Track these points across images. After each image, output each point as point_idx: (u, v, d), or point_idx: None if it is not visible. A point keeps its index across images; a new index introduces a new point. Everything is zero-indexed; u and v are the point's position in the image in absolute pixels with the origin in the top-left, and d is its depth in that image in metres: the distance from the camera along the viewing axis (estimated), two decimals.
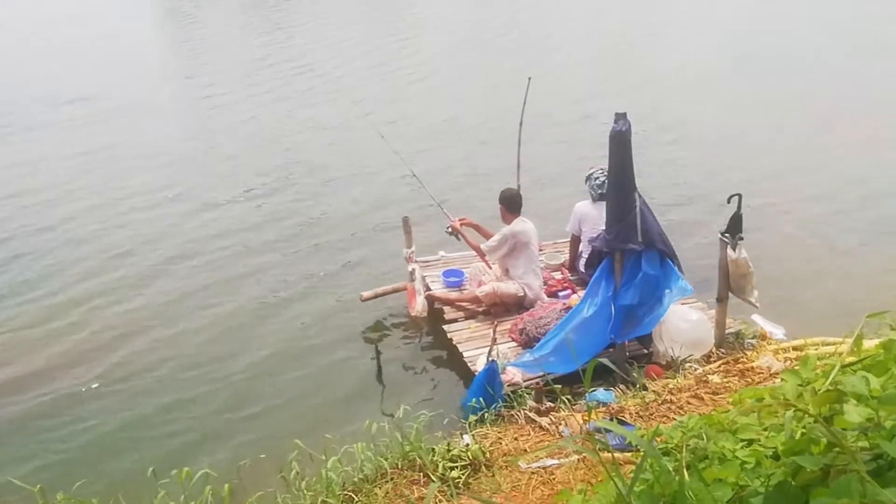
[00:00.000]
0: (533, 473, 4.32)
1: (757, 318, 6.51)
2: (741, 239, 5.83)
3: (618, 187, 5.71)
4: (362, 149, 11.88)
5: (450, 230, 7.39)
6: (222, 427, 6.14)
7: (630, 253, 5.81)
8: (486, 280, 7.22)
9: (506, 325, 6.71)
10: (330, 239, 9.53)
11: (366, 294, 7.50)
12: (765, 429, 2.06)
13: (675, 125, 13.00)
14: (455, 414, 5.62)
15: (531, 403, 5.48)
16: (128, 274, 8.77)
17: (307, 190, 11.14)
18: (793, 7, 22.34)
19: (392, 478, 4.49)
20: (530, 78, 7.57)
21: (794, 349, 5.90)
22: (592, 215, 7.19)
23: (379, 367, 6.87)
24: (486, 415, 5.31)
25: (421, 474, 4.46)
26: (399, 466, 4.58)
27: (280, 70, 18.13)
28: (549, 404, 5.47)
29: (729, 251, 5.88)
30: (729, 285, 6.05)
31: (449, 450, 4.58)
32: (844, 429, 1.51)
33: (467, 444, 4.67)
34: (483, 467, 4.48)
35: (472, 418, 5.23)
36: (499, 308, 7.05)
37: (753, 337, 6.38)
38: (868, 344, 2.15)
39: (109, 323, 7.73)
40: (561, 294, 7.25)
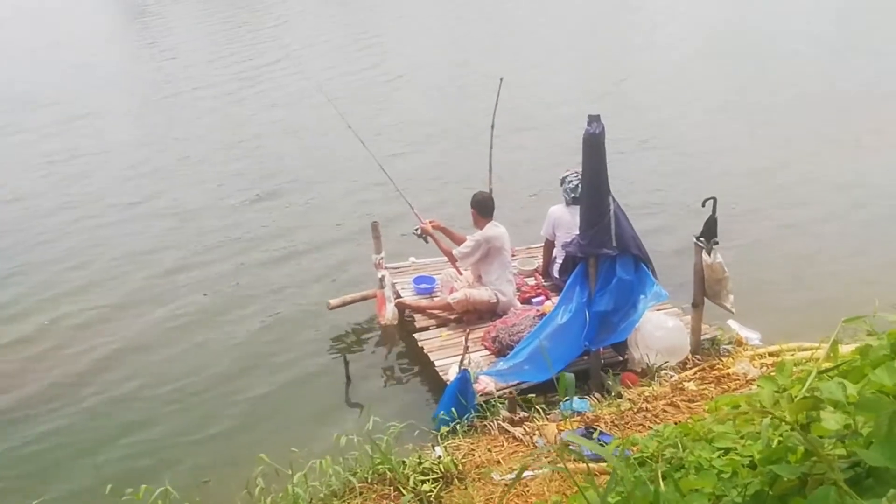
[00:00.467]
0: (506, 486, 4.22)
1: (733, 324, 6.48)
2: (716, 243, 5.78)
3: (592, 191, 5.64)
4: (332, 151, 11.74)
5: (419, 232, 7.25)
6: (185, 444, 5.96)
7: (604, 258, 5.76)
8: (458, 287, 7.11)
9: (478, 333, 6.63)
10: (295, 244, 9.30)
11: (333, 302, 7.32)
12: (741, 437, 2.06)
13: (651, 127, 12.95)
14: (426, 425, 5.48)
15: (505, 413, 5.40)
16: (82, 287, 8.46)
17: (271, 193, 10.85)
18: (774, 7, 22.45)
19: (361, 492, 4.39)
20: (502, 79, 7.50)
21: (771, 355, 5.87)
22: (566, 219, 7.12)
23: (348, 378, 6.69)
24: (459, 426, 5.23)
25: (391, 488, 4.40)
26: (369, 480, 4.51)
27: (247, 70, 17.77)
28: (523, 414, 5.41)
29: (704, 256, 5.84)
30: (704, 290, 6.01)
31: (420, 462, 4.52)
32: (821, 436, 1.50)
33: (439, 457, 4.61)
34: (455, 480, 4.43)
35: (444, 429, 5.12)
36: (471, 315, 6.95)
37: (729, 342, 6.35)
38: (845, 349, 2.12)
39: (64, 341, 7.45)
40: (535, 300, 7.17)
